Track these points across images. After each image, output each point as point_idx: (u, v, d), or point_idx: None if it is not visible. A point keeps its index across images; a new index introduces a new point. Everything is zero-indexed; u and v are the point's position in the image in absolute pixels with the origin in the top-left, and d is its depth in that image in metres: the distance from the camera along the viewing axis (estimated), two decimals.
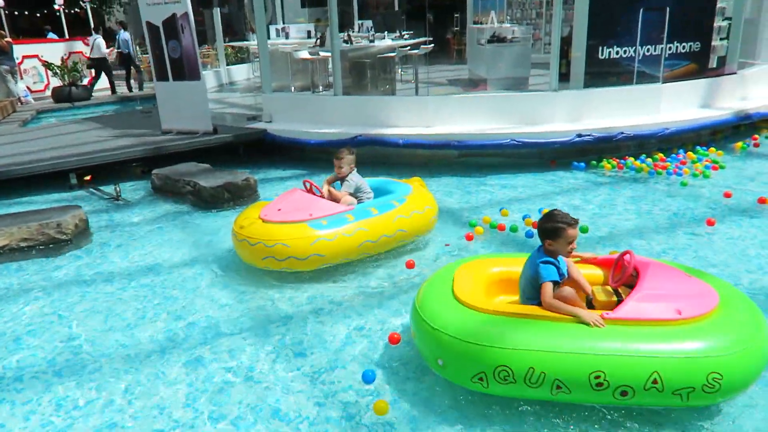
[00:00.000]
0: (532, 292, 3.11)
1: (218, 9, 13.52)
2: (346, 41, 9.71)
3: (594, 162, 7.15)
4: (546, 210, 5.35)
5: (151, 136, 8.38)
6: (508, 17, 12.59)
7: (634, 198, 6.08)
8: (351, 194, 4.79)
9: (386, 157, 7.56)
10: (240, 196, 6.42)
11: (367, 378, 3.12)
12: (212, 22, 13.75)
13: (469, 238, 5.06)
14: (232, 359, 3.47)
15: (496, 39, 10.57)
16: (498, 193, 6.46)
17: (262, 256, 4.33)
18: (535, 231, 4.64)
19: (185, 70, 8.14)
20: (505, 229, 5.29)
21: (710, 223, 5.24)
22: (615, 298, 3.16)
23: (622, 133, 7.18)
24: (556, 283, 3.03)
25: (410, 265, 4.57)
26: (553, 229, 3.06)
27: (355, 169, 4.88)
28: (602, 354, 2.64)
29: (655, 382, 2.58)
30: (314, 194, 4.84)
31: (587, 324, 2.78)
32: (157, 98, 8.71)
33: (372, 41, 10.10)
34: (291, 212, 4.45)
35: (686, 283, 3.01)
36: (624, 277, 3.20)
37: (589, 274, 3.36)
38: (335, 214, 4.47)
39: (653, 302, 2.83)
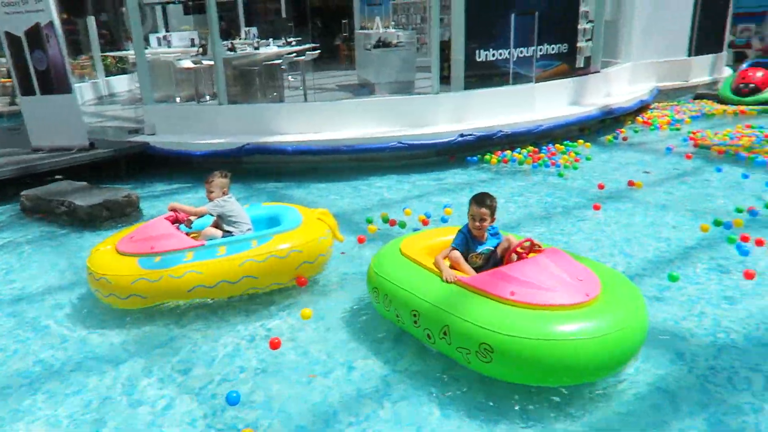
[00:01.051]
0: None
1: (93, 17, 12.77)
2: (230, 49, 9.52)
3: (485, 156, 7.50)
4: (448, 210, 5.69)
5: (21, 155, 7.77)
6: (393, 23, 12.86)
7: (523, 188, 6.49)
8: (217, 224, 4.31)
9: (278, 166, 7.50)
10: (122, 213, 6.11)
11: (231, 400, 3.02)
12: (87, 31, 12.98)
13: (361, 240, 5.13)
14: (116, 384, 3.31)
15: (382, 44, 10.78)
16: (392, 193, 6.60)
17: (94, 287, 4.02)
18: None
19: (53, 82, 7.62)
20: (395, 224, 5.42)
21: (596, 208, 5.68)
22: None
23: (501, 131, 7.58)
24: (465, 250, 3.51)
25: (301, 283, 4.18)
26: (469, 206, 3.52)
27: (230, 194, 4.33)
28: (422, 299, 3.24)
29: (445, 333, 3.08)
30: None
31: (444, 280, 3.29)
32: (23, 114, 8.09)
33: (257, 48, 9.97)
34: (136, 243, 4.03)
35: (559, 277, 3.12)
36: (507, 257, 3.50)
37: None
38: (175, 250, 3.92)
39: (499, 281, 3.11)
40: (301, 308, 3.95)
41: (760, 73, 10.11)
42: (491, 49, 8.12)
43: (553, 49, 8.69)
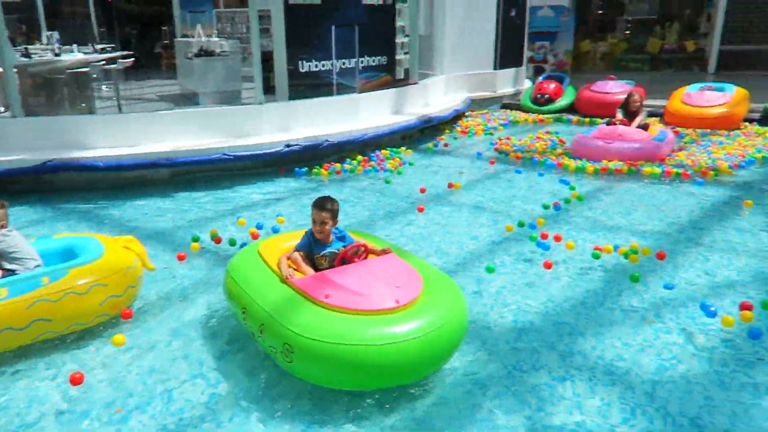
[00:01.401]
0: None
1: None
2: (24, 55, 8.53)
3: (314, 169, 7.55)
4: (281, 218, 5.62)
5: None
6: (216, 31, 12.47)
7: (351, 195, 6.62)
8: None
9: (89, 183, 6.87)
10: None
11: None
12: None
13: (181, 257, 4.86)
14: None
15: (204, 53, 10.40)
16: (220, 207, 6.37)
17: None
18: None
19: None
20: (221, 242, 5.23)
21: (420, 210, 6.01)
22: None
23: (327, 140, 7.70)
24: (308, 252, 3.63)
25: (126, 316, 3.85)
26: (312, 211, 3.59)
27: (10, 228, 3.80)
28: (251, 298, 3.31)
29: (261, 331, 3.17)
30: None
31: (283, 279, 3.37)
32: None
33: (58, 55, 9.06)
34: None
35: (376, 282, 3.19)
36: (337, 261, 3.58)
37: None
38: None
39: (319, 283, 3.20)
40: (113, 334, 3.65)
41: (552, 85, 11.46)
42: (314, 60, 8.23)
43: (374, 61, 9.05)
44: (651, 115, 10.53)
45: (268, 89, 8.31)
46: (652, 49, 18.29)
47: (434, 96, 10.48)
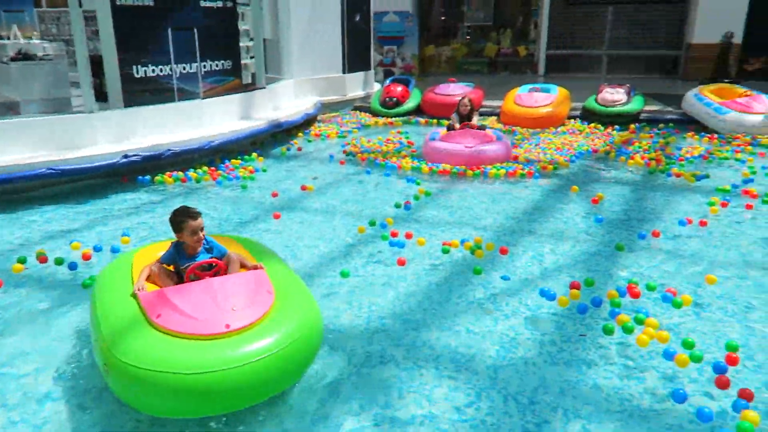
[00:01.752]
0: None
1: None
2: None
3: (156, 178, 7.10)
4: (126, 238, 5.16)
5: None
6: (36, 33, 11.29)
7: (202, 206, 6.24)
8: None
9: None
10: None
11: None
12: None
13: None
14: None
15: (23, 56, 9.35)
16: (51, 226, 5.73)
17: None
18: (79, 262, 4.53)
19: None
20: (46, 261, 4.72)
21: (276, 217, 5.88)
22: None
23: (170, 149, 7.28)
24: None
25: None
26: (176, 223, 3.43)
27: None
28: (98, 308, 3.14)
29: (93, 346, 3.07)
30: None
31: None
32: None
33: None
34: None
35: (212, 304, 3.01)
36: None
37: None
38: None
39: (157, 301, 3.03)
40: None
41: (399, 88, 11.86)
42: (150, 65, 7.72)
43: (217, 65, 8.72)
44: (491, 114, 11.33)
45: (101, 96, 7.68)
46: (489, 54, 19.66)
47: (284, 100, 10.37)
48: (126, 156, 6.88)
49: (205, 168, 7.59)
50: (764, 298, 4.15)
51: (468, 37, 20.10)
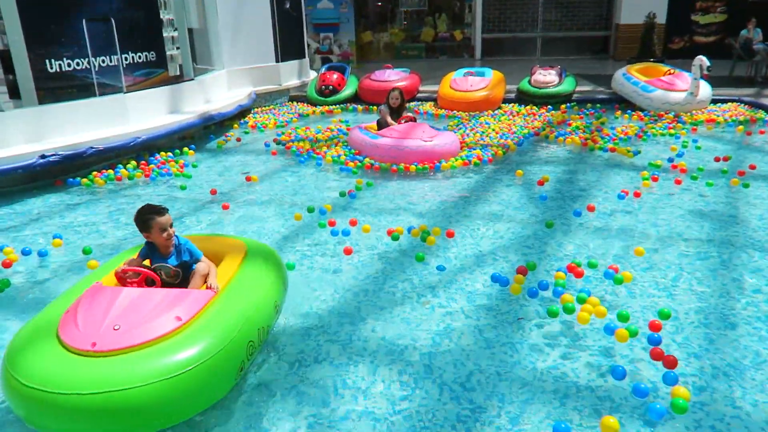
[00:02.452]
0: None
1: None
2: None
3: (85, 179, 6.74)
4: (58, 241, 4.83)
5: None
6: None
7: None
8: None
9: None
10: None
11: None
12: None
13: None
14: None
15: None
16: None
17: None
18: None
19: None
20: None
21: (225, 207, 5.81)
22: None
23: (92, 147, 6.90)
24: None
25: None
26: (143, 222, 3.24)
27: None
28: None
29: None
30: None
31: None
32: None
33: None
34: None
35: (100, 318, 2.78)
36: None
37: None
38: None
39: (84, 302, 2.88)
40: None
41: (335, 76, 11.66)
42: (65, 59, 7.27)
43: (140, 57, 8.31)
44: (428, 99, 11.32)
45: (14, 93, 7.20)
46: (426, 39, 19.67)
47: (215, 92, 10.02)
48: (43, 156, 6.46)
49: (134, 163, 7.25)
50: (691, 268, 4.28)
51: (405, 22, 20.04)
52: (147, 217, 3.23)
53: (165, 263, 3.31)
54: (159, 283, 3.24)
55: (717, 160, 7.02)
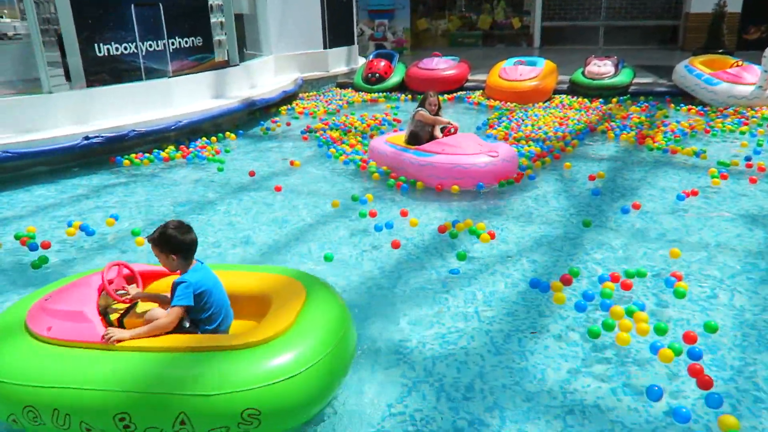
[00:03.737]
0: None
1: None
2: None
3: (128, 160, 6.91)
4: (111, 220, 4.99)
5: None
6: (5, 12, 11.03)
7: (177, 185, 6.14)
8: None
9: None
10: None
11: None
12: None
13: None
14: None
15: None
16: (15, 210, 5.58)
17: None
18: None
19: None
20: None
21: (278, 189, 5.85)
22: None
23: (134, 130, 7.06)
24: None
25: None
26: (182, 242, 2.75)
27: None
28: None
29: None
30: None
31: None
32: None
33: None
34: None
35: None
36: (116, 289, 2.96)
37: None
38: None
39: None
40: None
41: (383, 63, 11.52)
42: (113, 43, 7.46)
43: (187, 42, 8.43)
44: (476, 89, 11.00)
45: (66, 76, 7.46)
46: (483, 26, 19.19)
47: (262, 77, 10.08)
48: (87, 138, 6.66)
49: (174, 147, 7.38)
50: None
51: (462, 9, 19.61)
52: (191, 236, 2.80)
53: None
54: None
55: None
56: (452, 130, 6.23)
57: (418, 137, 6.16)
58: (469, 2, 19.53)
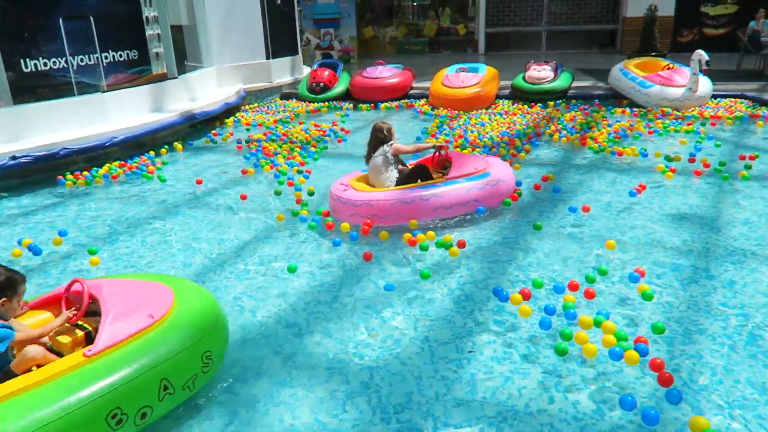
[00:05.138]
0: None
1: None
2: None
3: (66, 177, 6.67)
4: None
5: None
6: None
7: (118, 204, 5.91)
8: None
9: None
10: None
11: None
12: None
13: None
14: None
15: None
16: None
17: None
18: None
19: None
20: None
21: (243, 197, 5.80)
22: (79, 333, 2.84)
23: (66, 148, 6.81)
24: None
25: None
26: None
27: None
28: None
29: (165, 388, 2.66)
30: None
31: None
32: None
33: None
34: None
35: (141, 289, 3.06)
36: (83, 308, 2.86)
37: (37, 322, 3.01)
38: None
39: (126, 319, 2.73)
40: None
41: (326, 73, 11.48)
42: (41, 58, 7.19)
43: (121, 56, 8.20)
44: (421, 97, 11.06)
45: None
46: (429, 33, 19.39)
47: (203, 89, 9.89)
48: (14, 158, 6.38)
49: (113, 164, 7.14)
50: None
51: (402, 16, 19.75)
52: (15, 277, 2.80)
53: None
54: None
55: (742, 158, 6.67)
56: (442, 152, 5.65)
57: (417, 172, 5.37)
58: (415, 9, 19.72)
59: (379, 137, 5.36)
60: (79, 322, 2.92)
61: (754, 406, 2.77)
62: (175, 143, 8.02)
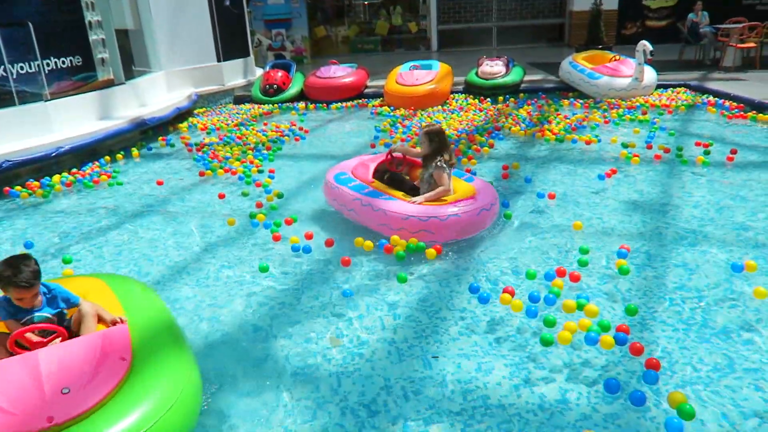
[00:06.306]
0: None
1: None
2: None
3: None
4: None
5: None
6: None
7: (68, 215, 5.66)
8: None
9: None
10: None
11: None
12: None
13: None
14: None
15: None
16: None
17: None
18: None
19: None
20: None
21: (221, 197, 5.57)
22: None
23: (8, 160, 6.51)
24: None
25: None
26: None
27: None
28: None
29: None
30: None
31: None
32: None
33: None
34: None
35: (31, 389, 2.37)
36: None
37: None
38: None
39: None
40: None
41: (280, 74, 11.33)
42: None
43: (64, 62, 7.90)
44: (376, 96, 11.02)
45: None
46: (381, 32, 19.39)
47: (152, 95, 9.63)
48: None
49: (62, 175, 6.85)
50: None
51: (354, 15, 19.70)
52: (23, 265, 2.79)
53: (34, 316, 2.89)
54: (65, 335, 2.91)
55: (698, 144, 6.91)
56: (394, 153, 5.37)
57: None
58: (366, 8, 19.69)
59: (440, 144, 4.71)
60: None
61: (707, 383, 2.87)
62: (133, 149, 7.78)
